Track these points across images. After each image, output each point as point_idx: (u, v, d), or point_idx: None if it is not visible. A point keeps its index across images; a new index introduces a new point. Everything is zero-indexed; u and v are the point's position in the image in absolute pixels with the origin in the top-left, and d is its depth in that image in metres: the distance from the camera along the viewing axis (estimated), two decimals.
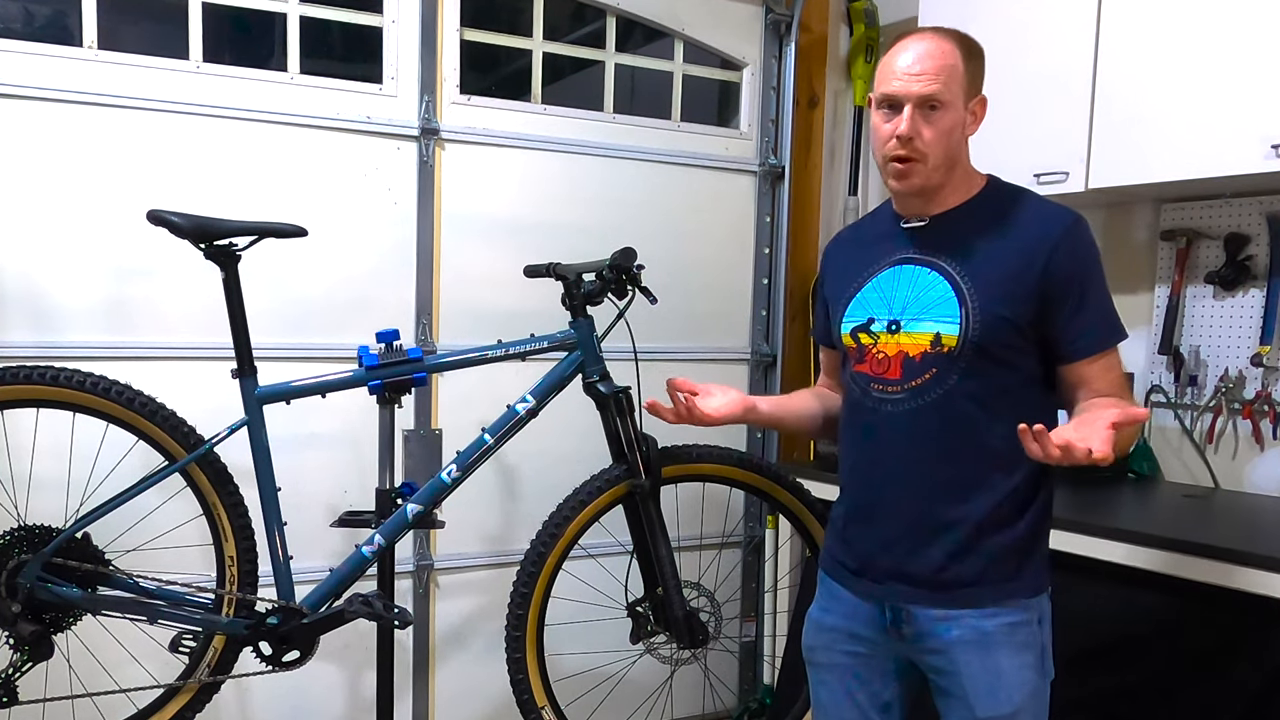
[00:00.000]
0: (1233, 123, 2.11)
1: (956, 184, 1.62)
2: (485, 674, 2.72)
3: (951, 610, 1.59)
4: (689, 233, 3.05)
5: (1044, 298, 1.54)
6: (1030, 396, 1.59)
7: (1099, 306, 1.57)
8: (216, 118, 2.44)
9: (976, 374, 1.56)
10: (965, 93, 1.56)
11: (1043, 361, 1.59)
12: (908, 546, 1.62)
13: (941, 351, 1.57)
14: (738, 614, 3.18)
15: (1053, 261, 1.53)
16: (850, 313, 1.70)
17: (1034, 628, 1.61)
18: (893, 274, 1.66)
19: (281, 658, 2.10)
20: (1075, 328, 1.55)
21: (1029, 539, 1.60)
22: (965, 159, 1.63)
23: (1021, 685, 1.58)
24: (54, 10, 2.37)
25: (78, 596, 1.96)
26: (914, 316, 1.61)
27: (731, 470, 2.33)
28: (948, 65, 1.53)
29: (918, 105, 1.54)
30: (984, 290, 1.56)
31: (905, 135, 1.54)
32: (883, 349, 1.64)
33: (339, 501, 2.57)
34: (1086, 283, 1.55)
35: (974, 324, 1.55)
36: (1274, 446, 2.41)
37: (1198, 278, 2.52)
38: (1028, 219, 1.59)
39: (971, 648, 1.59)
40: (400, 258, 2.66)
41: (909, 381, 1.60)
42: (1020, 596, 1.59)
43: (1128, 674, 2.10)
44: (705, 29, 3.04)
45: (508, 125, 2.77)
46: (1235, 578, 1.85)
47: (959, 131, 1.57)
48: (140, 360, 2.36)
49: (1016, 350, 1.57)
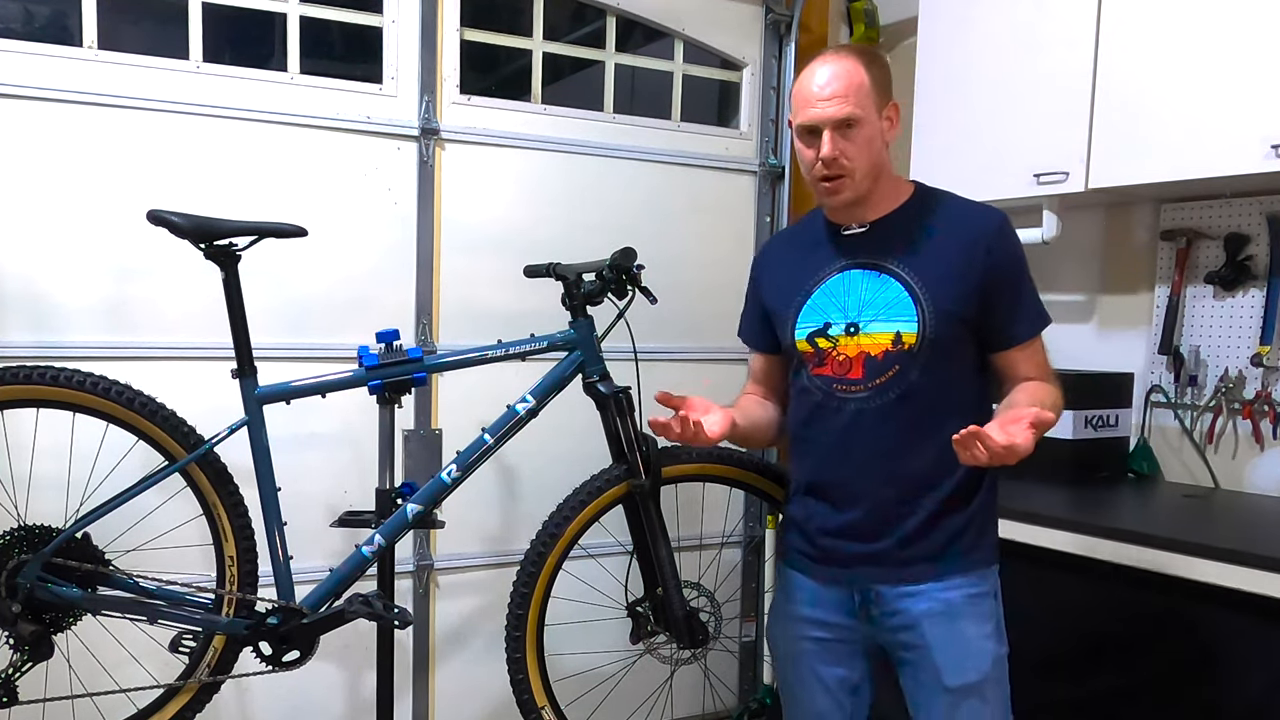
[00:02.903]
0: (1233, 123, 2.11)
1: (885, 190, 1.73)
2: (485, 674, 2.72)
3: (917, 586, 1.70)
4: (689, 233, 3.05)
5: (984, 291, 1.67)
6: (974, 385, 1.74)
7: (1030, 296, 1.72)
8: (216, 118, 2.44)
9: (932, 368, 1.68)
10: (876, 104, 1.66)
11: (979, 352, 1.73)
12: (874, 532, 1.73)
13: (903, 349, 1.68)
14: (738, 614, 3.18)
15: (991, 257, 1.67)
16: (803, 319, 1.78)
17: (991, 600, 1.74)
18: (841, 279, 1.75)
19: (281, 658, 2.10)
20: (1011, 318, 1.70)
21: (982, 514, 1.75)
22: (888, 165, 1.72)
23: (984, 654, 1.70)
24: (54, 10, 2.37)
25: (78, 596, 1.95)
26: (871, 318, 1.71)
27: (731, 470, 2.33)
28: (854, 83, 1.63)
29: (835, 128, 1.64)
30: (934, 288, 1.67)
31: (829, 157, 1.64)
32: (843, 351, 1.73)
33: (339, 501, 2.57)
34: (1019, 274, 1.71)
35: (930, 321, 1.67)
36: (1274, 446, 2.41)
37: (1198, 278, 2.52)
38: (960, 219, 1.72)
39: (938, 619, 1.69)
40: (400, 258, 2.66)
41: (872, 380, 1.70)
42: (978, 568, 1.73)
43: (1128, 674, 2.10)
44: (705, 29, 3.04)
45: (508, 125, 2.77)
46: (1235, 578, 1.85)
47: (879, 140, 1.68)
48: (140, 360, 2.36)
49: (963, 342, 1.70)
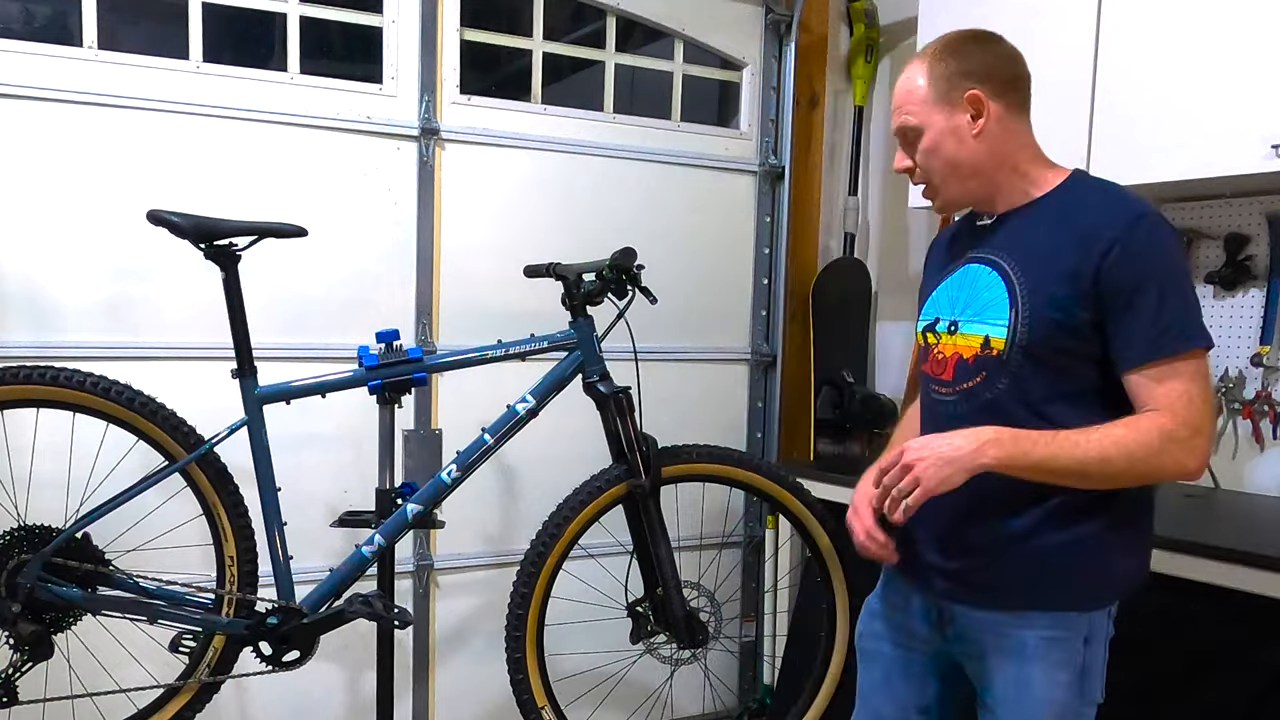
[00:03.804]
0: (1233, 123, 2.11)
1: (1011, 181, 1.57)
2: (485, 674, 2.72)
3: (989, 613, 1.56)
4: (689, 233, 3.05)
5: (1099, 301, 1.45)
6: (1089, 407, 1.49)
7: (1156, 311, 1.43)
8: (216, 118, 2.44)
9: (1027, 379, 1.50)
10: (939, 103, 1.54)
11: (1107, 370, 1.49)
12: (946, 546, 1.59)
13: (990, 355, 1.53)
14: (738, 614, 3.18)
15: (1109, 259, 1.43)
16: (924, 312, 1.70)
17: (1076, 645, 1.53)
18: (962, 274, 1.63)
19: (281, 658, 2.10)
20: (1123, 335, 1.45)
21: (1080, 551, 1.51)
22: (1003, 156, 1.56)
23: (1050, 703, 1.52)
24: (54, 10, 2.37)
25: (78, 596, 1.95)
26: (970, 318, 1.58)
27: (731, 470, 2.33)
28: (908, 90, 1.58)
29: (901, 141, 1.61)
30: (1036, 291, 1.49)
31: (898, 169, 1.63)
32: (942, 350, 1.62)
33: (339, 501, 2.57)
34: (1146, 283, 1.43)
35: (1021, 327, 1.49)
36: (1274, 446, 2.40)
37: (1198, 278, 2.51)
38: (1093, 213, 1.49)
39: (1006, 657, 1.55)
40: (400, 258, 2.66)
41: (960, 384, 1.58)
42: (1062, 609, 1.52)
43: (1127, 674, 2.10)
44: (705, 29, 3.04)
45: (508, 125, 2.77)
46: (1235, 578, 1.84)
47: (950, 142, 1.54)
48: (140, 360, 2.36)
49: (1071, 355, 1.49)
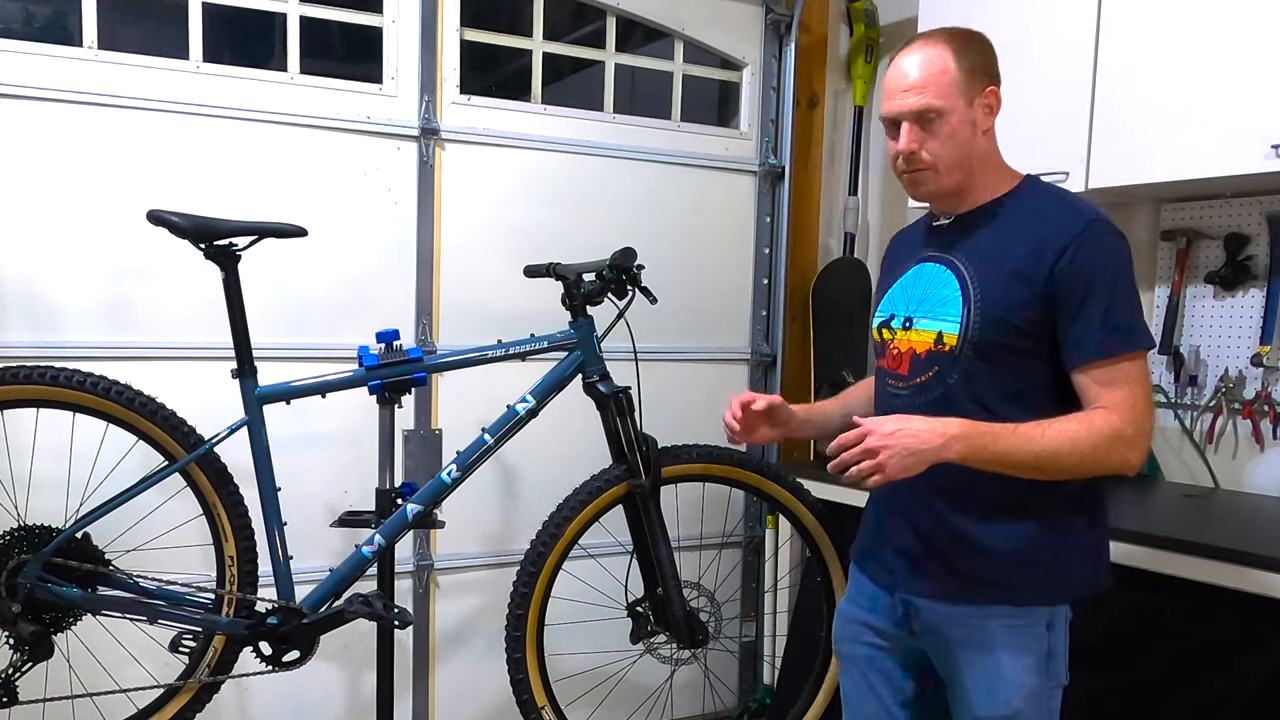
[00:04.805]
0: (1233, 123, 2.11)
1: (984, 182, 1.61)
2: (485, 674, 2.72)
3: (954, 605, 1.60)
4: (689, 233, 3.05)
5: (1049, 301, 1.51)
6: (1040, 403, 1.54)
7: (1100, 312, 1.49)
8: (216, 118, 2.44)
9: (978, 375, 1.56)
10: (964, 92, 1.55)
11: (1055, 368, 1.55)
12: (907, 540, 1.65)
13: (943, 350, 1.59)
14: (738, 614, 3.17)
15: (1060, 264, 1.50)
16: (880, 308, 1.74)
17: (1039, 630, 1.58)
18: (917, 271, 1.69)
19: (281, 658, 2.10)
20: (1073, 336, 1.51)
21: (1039, 545, 1.56)
22: (989, 155, 1.61)
23: (1021, 687, 1.57)
24: (54, 10, 2.37)
25: (78, 596, 1.96)
26: (924, 314, 1.63)
27: (731, 470, 2.33)
28: (935, 72, 1.54)
29: (914, 120, 1.56)
30: (988, 291, 1.55)
31: (904, 150, 1.57)
32: (897, 345, 1.67)
33: (339, 501, 2.57)
34: (1095, 286, 1.49)
35: (974, 324, 1.55)
36: (1274, 446, 2.40)
37: (1198, 278, 2.52)
38: (1047, 218, 1.55)
39: (972, 648, 1.60)
40: (400, 258, 2.66)
41: (913, 378, 1.63)
42: (1024, 602, 1.57)
43: (1127, 674, 2.10)
44: (705, 29, 3.04)
45: (508, 125, 2.77)
46: (1235, 578, 1.84)
47: (967, 131, 1.56)
48: (140, 360, 2.35)
49: (1021, 353, 1.54)
